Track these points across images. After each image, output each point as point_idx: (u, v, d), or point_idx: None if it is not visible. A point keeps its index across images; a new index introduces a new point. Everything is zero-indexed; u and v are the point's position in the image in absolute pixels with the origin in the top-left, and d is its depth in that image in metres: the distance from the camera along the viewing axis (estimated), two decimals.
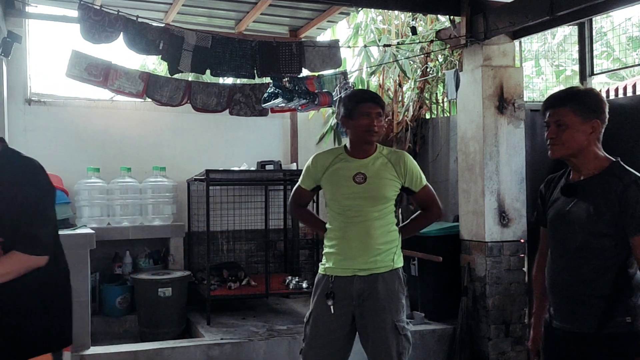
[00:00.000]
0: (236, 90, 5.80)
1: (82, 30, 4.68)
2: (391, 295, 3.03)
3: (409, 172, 3.12)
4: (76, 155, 6.01)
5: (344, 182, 3.06)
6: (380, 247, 3.04)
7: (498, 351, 4.95)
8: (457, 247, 5.25)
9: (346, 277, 3.03)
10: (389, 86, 7.10)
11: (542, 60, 11.10)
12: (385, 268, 3.04)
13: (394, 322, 3.00)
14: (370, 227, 3.03)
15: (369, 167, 3.08)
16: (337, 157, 3.14)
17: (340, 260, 3.06)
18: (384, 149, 3.19)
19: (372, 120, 3.05)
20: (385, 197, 3.07)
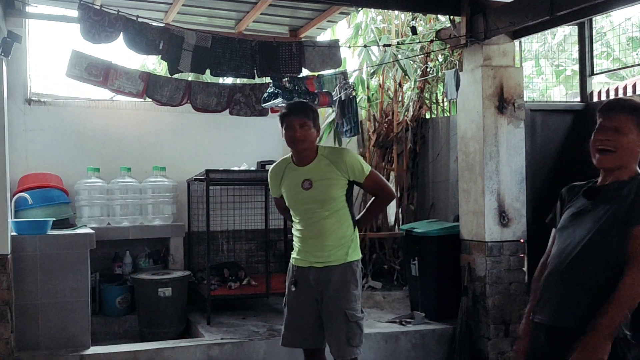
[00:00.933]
0: (236, 90, 5.80)
1: (82, 30, 4.68)
2: (342, 285, 3.33)
3: (350, 167, 3.37)
4: (76, 155, 6.01)
5: (295, 189, 3.40)
6: (333, 243, 3.35)
7: (497, 351, 4.96)
8: (457, 247, 5.25)
9: (305, 268, 3.41)
10: (389, 86, 7.10)
11: (542, 60, 11.09)
12: (337, 261, 3.35)
13: (344, 310, 3.30)
14: (323, 226, 3.35)
15: (313, 172, 3.37)
16: (286, 167, 3.49)
17: (301, 253, 3.44)
18: (325, 150, 3.46)
19: (294, 132, 3.33)
20: (333, 198, 3.36)
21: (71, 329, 4.52)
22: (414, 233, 5.43)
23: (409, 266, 5.55)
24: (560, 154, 5.21)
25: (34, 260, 4.45)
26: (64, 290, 4.51)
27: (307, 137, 3.35)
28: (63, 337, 4.50)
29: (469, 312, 5.07)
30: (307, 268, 3.39)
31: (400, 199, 6.84)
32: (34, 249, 4.45)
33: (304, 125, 3.34)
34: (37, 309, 4.46)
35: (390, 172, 6.99)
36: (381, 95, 7.04)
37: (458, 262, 5.24)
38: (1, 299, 4.18)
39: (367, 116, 7.12)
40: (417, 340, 5.04)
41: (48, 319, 4.47)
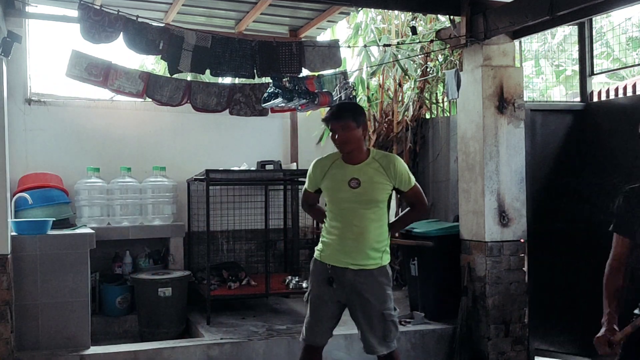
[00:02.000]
0: (236, 90, 5.80)
1: (82, 30, 4.68)
2: (378, 288, 3.40)
3: (399, 175, 3.42)
4: (76, 155, 6.01)
5: (340, 186, 3.40)
6: (374, 245, 3.39)
7: (498, 351, 4.95)
8: (457, 247, 5.25)
9: (340, 268, 3.39)
10: (389, 86, 7.10)
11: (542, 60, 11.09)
12: (374, 265, 3.40)
13: (381, 311, 3.39)
14: (364, 229, 3.37)
15: (362, 172, 3.40)
16: (334, 162, 3.49)
17: (336, 252, 3.41)
18: (377, 154, 3.49)
19: (336, 135, 3.39)
20: (378, 200, 3.40)
21: (71, 329, 4.52)
22: (414, 233, 5.43)
23: (409, 266, 5.55)
24: (560, 154, 5.21)
25: (34, 260, 4.45)
26: (64, 290, 4.51)
27: (350, 138, 3.38)
28: (63, 337, 4.50)
29: (469, 312, 5.07)
30: (343, 269, 3.39)
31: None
32: (34, 249, 4.45)
33: (345, 127, 3.36)
34: (37, 309, 4.46)
35: None
36: (381, 95, 7.04)
37: (458, 262, 5.23)
38: (1, 299, 4.18)
39: (367, 116, 7.12)
40: (417, 340, 5.04)
41: (48, 319, 4.47)
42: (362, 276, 3.37)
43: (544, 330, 5.21)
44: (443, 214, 6.40)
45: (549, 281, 5.18)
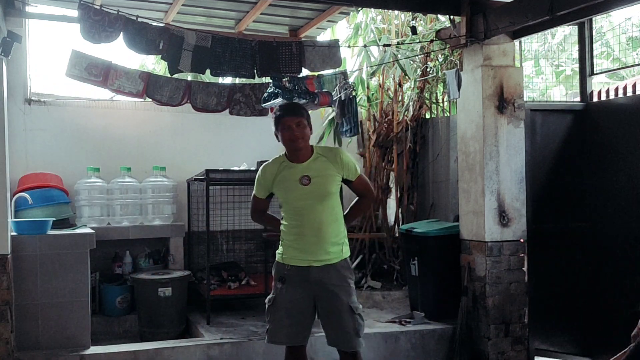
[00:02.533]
0: (236, 90, 5.80)
1: (82, 30, 4.68)
2: (343, 281, 3.44)
3: (346, 165, 3.50)
4: (76, 155, 6.01)
5: (292, 186, 3.45)
6: (332, 239, 3.44)
7: (498, 351, 4.95)
8: (457, 247, 5.25)
9: (303, 267, 3.43)
10: (389, 86, 7.10)
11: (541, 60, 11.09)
12: (336, 259, 3.45)
13: (348, 304, 3.41)
14: (322, 223, 3.42)
15: (311, 169, 3.46)
16: (281, 165, 3.53)
17: (298, 253, 3.45)
18: (319, 149, 3.56)
19: (293, 131, 3.43)
20: (331, 192, 3.47)
21: (71, 329, 4.52)
22: (414, 233, 5.43)
23: (409, 266, 5.55)
24: (560, 154, 5.21)
25: (34, 260, 4.45)
26: (64, 290, 4.51)
27: (304, 135, 3.46)
28: (63, 337, 4.50)
29: (469, 312, 5.07)
30: (306, 268, 3.42)
31: (400, 199, 6.83)
32: (34, 249, 4.46)
33: (300, 124, 3.45)
34: (37, 309, 4.46)
35: (390, 172, 6.99)
36: (381, 95, 7.04)
37: (458, 262, 5.23)
38: (1, 299, 4.18)
39: (367, 116, 7.13)
40: (416, 340, 5.04)
41: (48, 319, 4.47)
42: (327, 271, 3.41)
43: (544, 330, 5.21)
44: (443, 214, 6.40)
45: (549, 281, 5.18)
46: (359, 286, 6.34)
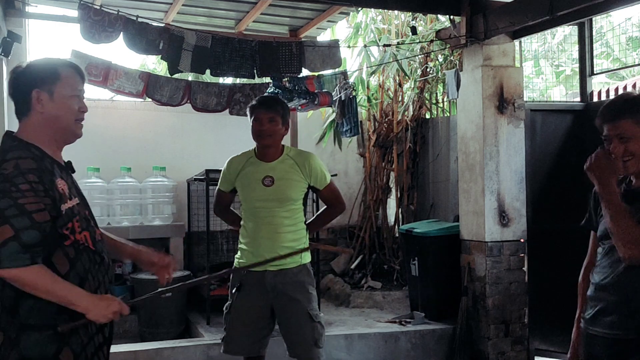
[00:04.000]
0: (236, 90, 5.80)
1: (82, 30, 4.68)
2: (301, 288, 3.28)
3: (314, 172, 3.32)
4: (76, 155, 5.98)
5: (254, 184, 3.28)
6: (288, 244, 3.25)
7: (498, 351, 4.95)
8: (457, 247, 5.25)
9: (258, 272, 3.24)
10: (389, 86, 7.10)
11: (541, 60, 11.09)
12: (294, 264, 3.27)
13: (307, 311, 3.25)
14: (278, 226, 3.25)
15: (276, 170, 3.29)
16: (248, 160, 3.36)
17: (252, 257, 3.26)
18: (291, 151, 3.40)
19: (262, 125, 3.25)
20: (292, 199, 3.29)
21: None
22: (414, 233, 5.43)
23: (409, 266, 5.55)
24: (560, 154, 5.21)
25: None
26: None
27: (274, 132, 3.27)
28: None
29: (469, 312, 5.07)
30: (262, 272, 3.23)
31: (400, 199, 6.84)
32: None
33: (272, 120, 3.26)
34: None
35: (390, 172, 6.99)
36: (381, 95, 7.04)
37: (458, 262, 5.23)
38: None
39: (367, 116, 7.13)
40: (417, 340, 5.04)
41: None
42: (282, 276, 3.24)
43: (543, 330, 5.21)
44: (443, 214, 6.40)
45: (549, 281, 5.18)
46: (359, 286, 6.35)
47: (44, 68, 2.09)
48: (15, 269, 1.84)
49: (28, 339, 1.91)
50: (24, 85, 2.05)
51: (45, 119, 2.06)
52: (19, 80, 2.08)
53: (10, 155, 1.95)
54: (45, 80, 2.04)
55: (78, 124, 2.15)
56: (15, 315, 1.91)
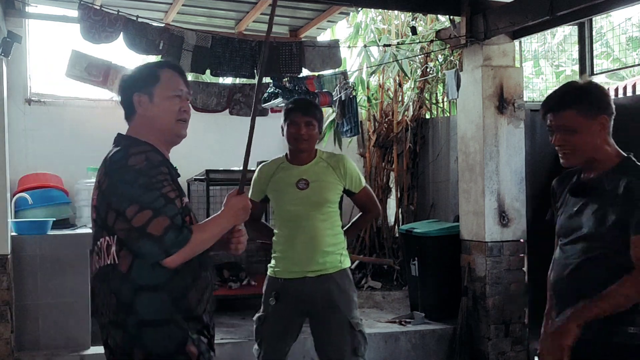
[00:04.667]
0: (236, 90, 5.81)
1: (82, 30, 4.68)
2: (343, 294, 3.12)
3: (349, 175, 3.20)
4: (76, 155, 6.00)
5: (288, 189, 3.16)
6: (327, 249, 3.13)
7: (498, 351, 4.95)
8: (457, 247, 5.25)
9: (297, 280, 3.11)
10: (389, 86, 7.10)
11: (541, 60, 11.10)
12: (334, 269, 3.13)
13: (347, 319, 3.09)
14: (316, 231, 3.11)
15: (310, 173, 3.17)
16: (279, 166, 3.26)
17: (289, 264, 3.14)
18: (324, 154, 3.27)
19: (298, 129, 3.13)
20: (329, 201, 3.17)
21: (71, 329, 4.51)
22: (414, 233, 5.43)
23: (409, 266, 5.55)
24: None
25: (34, 260, 4.45)
26: (64, 290, 4.51)
27: (310, 136, 3.16)
28: (63, 337, 4.49)
29: (469, 312, 5.07)
30: (301, 279, 3.10)
31: (400, 199, 6.84)
32: (34, 249, 4.45)
33: (309, 124, 3.14)
34: (37, 309, 4.45)
35: (390, 172, 6.99)
36: (381, 95, 7.04)
37: (458, 262, 5.23)
38: (1, 299, 4.19)
39: (367, 116, 7.13)
40: (417, 341, 5.04)
41: (48, 319, 4.47)
42: (321, 282, 3.08)
43: None
44: (443, 214, 6.40)
45: None
46: (359, 286, 6.34)
47: (144, 71, 2.16)
48: (182, 250, 1.89)
49: (150, 335, 1.92)
50: (127, 89, 2.13)
51: (147, 120, 2.11)
52: (123, 86, 2.16)
53: (135, 149, 2.00)
54: (145, 83, 2.10)
55: (180, 124, 2.16)
56: (133, 311, 1.91)
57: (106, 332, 1.99)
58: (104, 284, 1.96)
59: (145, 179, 1.92)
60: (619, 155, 2.21)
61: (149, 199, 1.89)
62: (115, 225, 1.92)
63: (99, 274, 1.99)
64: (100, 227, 1.98)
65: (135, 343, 1.92)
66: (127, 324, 1.92)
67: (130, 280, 1.91)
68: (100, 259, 1.98)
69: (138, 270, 1.91)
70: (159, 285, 1.93)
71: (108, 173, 1.99)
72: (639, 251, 2.04)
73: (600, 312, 2.05)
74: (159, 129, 2.13)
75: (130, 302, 1.91)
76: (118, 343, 1.94)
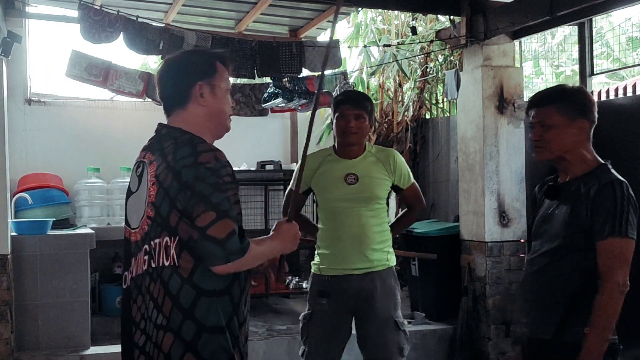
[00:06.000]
0: (236, 90, 5.80)
1: (82, 30, 4.68)
2: (388, 292, 3.07)
3: (399, 170, 3.11)
4: (76, 155, 6.01)
5: (335, 183, 3.05)
6: (375, 246, 3.05)
7: (498, 351, 4.95)
8: (457, 247, 5.25)
9: (342, 277, 3.04)
10: (389, 86, 7.11)
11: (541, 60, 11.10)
12: (381, 267, 3.07)
13: (393, 318, 3.04)
14: (365, 227, 3.02)
15: (359, 167, 3.07)
16: (325, 158, 3.13)
17: (335, 261, 3.06)
18: (373, 148, 3.19)
19: (348, 122, 3.03)
20: (378, 197, 3.07)
21: (71, 329, 4.51)
22: (414, 233, 5.43)
23: (409, 266, 5.55)
24: None
25: (34, 260, 4.45)
26: (64, 290, 4.51)
27: (360, 130, 3.04)
28: (63, 337, 4.50)
29: (470, 312, 5.07)
30: (347, 276, 3.02)
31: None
32: (34, 249, 4.45)
33: (359, 117, 3.03)
34: (37, 309, 4.45)
35: None
36: (381, 95, 7.04)
37: (458, 262, 5.23)
38: (1, 299, 4.18)
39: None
40: (417, 341, 5.03)
41: (48, 319, 4.47)
42: (369, 280, 3.03)
43: None
44: (443, 214, 6.40)
45: None
46: None
47: (205, 60, 2.02)
48: (241, 259, 1.80)
49: (206, 342, 1.82)
50: (186, 76, 1.97)
51: (207, 112, 2.00)
52: (179, 70, 2.00)
53: (203, 146, 1.89)
54: (206, 73, 1.99)
55: (229, 118, 2.11)
56: (191, 317, 1.82)
57: (145, 335, 1.86)
58: (155, 285, 1.84)
59: (214, 178, 1.82)
60: (596, 162, 2.24)
61: (216, 200, 1.79)
62: (178, 226, 1.81)
63: (150, 274, 1.86)
64: (159, 225, 1.84)
65: (189, 348, 1.81)
66: (181, 329, 1.81)
67: (192, 284, 1.81)
68: (153, 259, 1.86)
69: (201, 275, 1.81)
70: (223, 291, 1.85)
71: (174, 170, 1.83)
72: (604, 260, 2.08)
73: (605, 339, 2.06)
74: (216, 122, 2.05)
75: (189, 307, 1.81)
76: (163, 348, 1.82)
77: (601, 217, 2.08)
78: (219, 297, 1.85)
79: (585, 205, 2.12)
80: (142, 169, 2.01)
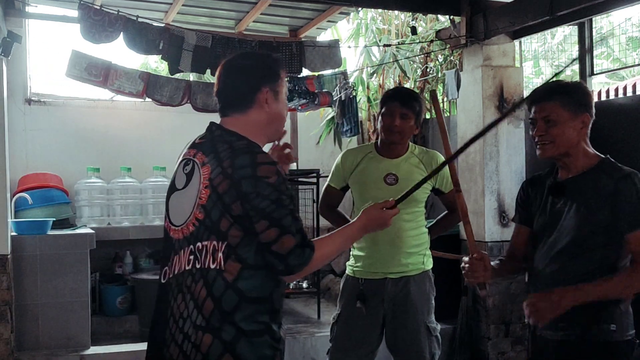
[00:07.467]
0: None
1: (82, 30, 4.68)
2: (423, 296, 3.02)
3: (441, 173, 2.96)
4: (76, 155, 6.01)
5: (374, 183, 2.98)
6: (411, 250, 3.00)
7: (498, 351, 4.95)
8: (457, 247, 5.25)
9: (377, 280, 2.98)
10: (389, 86, 7.10)
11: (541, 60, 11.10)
12: (416, 271, 3.02)
13: (426, 323, 3.00)
14: (401, 230, 2.94)
15: (400, 168, 2.99)
16: (366, 155, 3.05)
17: (370, 263, 3.00)
18: (416, 149, 3.10)
19: (393, 120, 2.94)
20: (417, 200, 3.00)
21: (71, 329, 4.52)
22: None
23: None
24: None
25: (34, 260, 4.45)
26: (64, 290, 4.51)
27: (404, 129, 2.95)
28: (63, 337, 4.50)
29: (469, 312, 5.07)
30: (382, 280, 2.98)
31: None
32: (34, 249, 4.46)
33: (405, 117, 2.94)
34: (37, 309, 4.46)
35: None
36: (381, 95, 7.03)
37: (458, 262, 5.22)
38: (1, 299, 4.19)
39: (367, 116, 7.12)
40: None
41: (48, 319, 4.47)
42: (403, 284, 2.97)
43: None
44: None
45: None
46: None
47: (269, 65, 2.02)
48: (304, 270, 1.89)
49: (245, 345, 1.84)
50: (253, 79, 1.97)
51: (268, 118, 1.99)
52: (244, 74, 1.99)
53: (263, 157, 1.87)
54: (272, 78, 1.99)
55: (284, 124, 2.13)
56: (231, 320, 1.84)
57: (183, 334, 1.88)
58: (197, 285, 1.86)
59: (276, 194, 1.83)
60: (597, 156, 2.25)
61: (278, 216, 1.82)
62: (228, 232, 1.83)
63: (193, 274, 1.87)
64: (208, 229, 1.85)
65: (227, 350, 1.83)
66: (221, 331, 1.83)
67: (236, 289, 1.83)
68: (198, 260, 1.87)
69: (245, 281, 1.84)
70: (265, 298, 1.88)
71: (232, 178, 1.82)
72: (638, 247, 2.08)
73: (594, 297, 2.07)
74: (275, 128, 2.05)
75: (231, 310, 1.83)
76: (202, 348, 1.83)
77: (627, 211, 2.08)
78: (262, 303, 1.88)
79: (604, 201, 2.11)
80: (192, 168, 2.00)
